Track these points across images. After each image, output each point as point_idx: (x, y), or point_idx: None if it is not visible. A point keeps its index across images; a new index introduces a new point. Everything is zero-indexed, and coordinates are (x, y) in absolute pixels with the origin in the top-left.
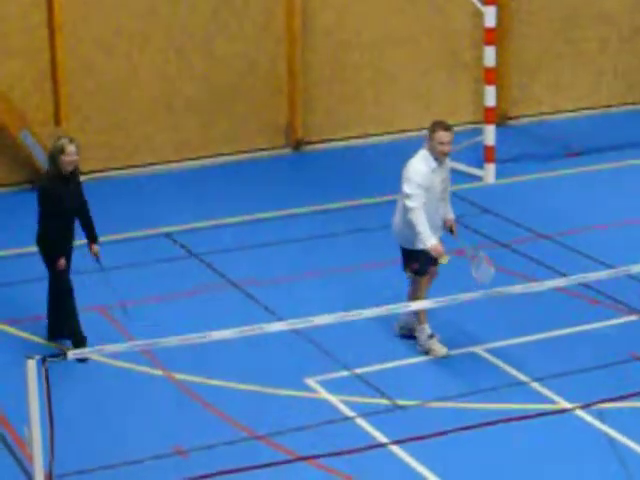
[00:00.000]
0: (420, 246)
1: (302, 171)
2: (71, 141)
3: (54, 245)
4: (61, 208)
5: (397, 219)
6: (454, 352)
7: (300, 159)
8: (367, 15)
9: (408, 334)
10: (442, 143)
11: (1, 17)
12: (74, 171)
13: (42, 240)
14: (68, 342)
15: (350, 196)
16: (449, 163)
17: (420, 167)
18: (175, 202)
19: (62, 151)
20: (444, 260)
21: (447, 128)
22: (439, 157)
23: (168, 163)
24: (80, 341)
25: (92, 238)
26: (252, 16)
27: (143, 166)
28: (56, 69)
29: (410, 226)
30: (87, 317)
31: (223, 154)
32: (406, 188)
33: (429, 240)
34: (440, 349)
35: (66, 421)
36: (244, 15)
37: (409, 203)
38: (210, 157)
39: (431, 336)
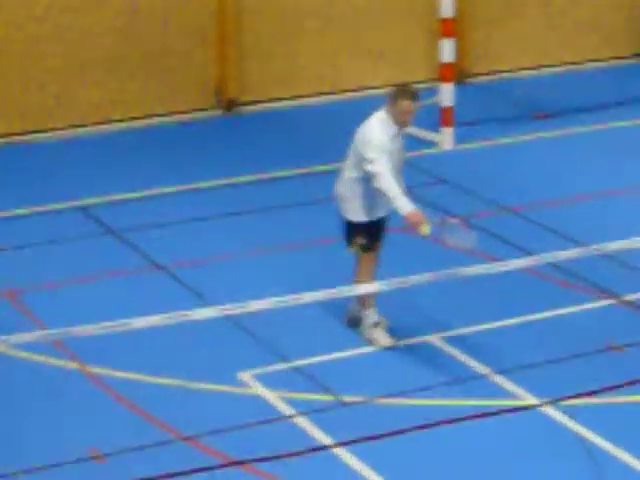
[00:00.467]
0: (373, 216)
1: (235, 135)
2: None
3: None
4: None
5: (342, 188)
6: (407, 341)
7: (233, 121)
8: None
9: (357, 324)
10: (407, 113)
11: None
12: None
13: None
14: None
15: (291, 163)
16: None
17: (378, 131)
18: (91, 171)
19: None
20: (425, 230)
21: (415, 97)
22: (400, 125)
23: (83, 127)
24: None
25: None
26: None
27: (55, 130)
28: None
29: (358, 196)
30: None
31: (146, 116)
32: (368, 152)
33: (407, 206)
34: (384, 339)
35: None
36: None
37: (373, 168)
38: (131, 120)
39: (377, 324)
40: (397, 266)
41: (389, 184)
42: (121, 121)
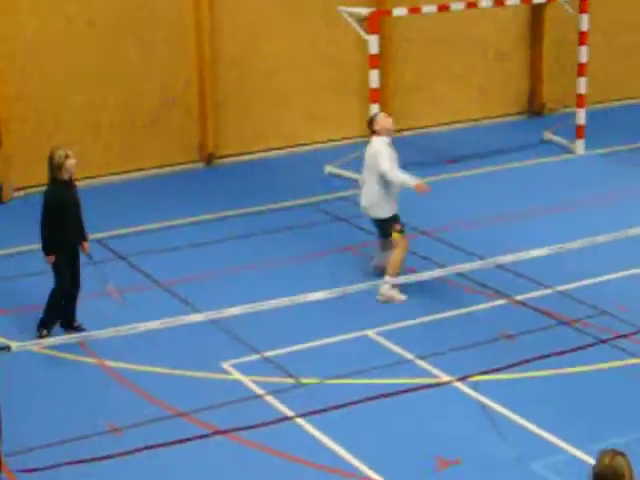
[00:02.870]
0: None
1: (215, 183)
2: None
3: None
4: None
5: (371, 198)
6: (347, 336)
7: (212, 172)
8: (268, 44)
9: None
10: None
11: None
12: None
13: None
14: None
15: (261, 201)
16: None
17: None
18: (103, 212)
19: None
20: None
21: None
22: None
23: (97, 178)
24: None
25: None
26: (166, 50)
27: (76, 181)
28: None
29: (388, 197)
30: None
31: (142, 169)
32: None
33: (412, 180)
34: (398, 296)
35: (13, 405)
36: (159, 49)
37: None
38: (130, 172)
39: (394, 286)
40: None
41: (398, 176)
42: (123, 173)
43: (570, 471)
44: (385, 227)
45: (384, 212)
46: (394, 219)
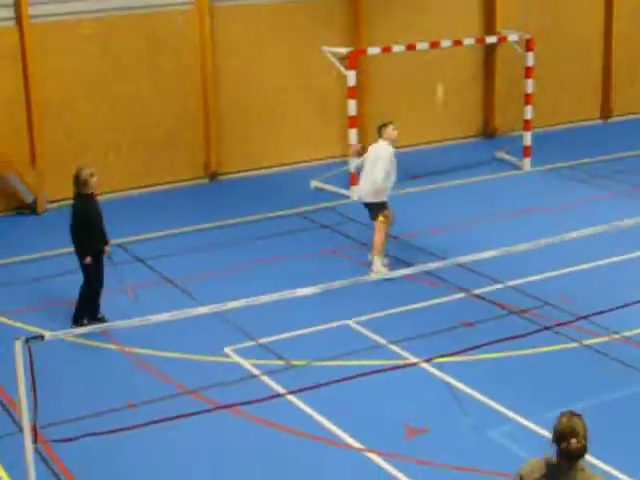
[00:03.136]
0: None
1: (218, 196)
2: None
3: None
4: None
5: (372, 186)
6: (331, 324)
7: (215, 187)
8: (263, 79)
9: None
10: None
11: None
12: None
13: None
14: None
15: (257, 211)
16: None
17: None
18: (121, 221)
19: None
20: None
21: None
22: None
23: (117, 192)
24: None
25: None
26: (176, 82)
27: (100, 194)
28: (32, 126)
29: (385, 187)
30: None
31: (154, 184)
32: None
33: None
34: (382, 269)
35: (47, 385)
36: (170, 81)
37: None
38: (143, 187)
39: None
40: (336, 275)
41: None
42: (139, 188)
43: (521, 437)
44: (375, 211)
45: (379, 197)
46: (384, 205)
